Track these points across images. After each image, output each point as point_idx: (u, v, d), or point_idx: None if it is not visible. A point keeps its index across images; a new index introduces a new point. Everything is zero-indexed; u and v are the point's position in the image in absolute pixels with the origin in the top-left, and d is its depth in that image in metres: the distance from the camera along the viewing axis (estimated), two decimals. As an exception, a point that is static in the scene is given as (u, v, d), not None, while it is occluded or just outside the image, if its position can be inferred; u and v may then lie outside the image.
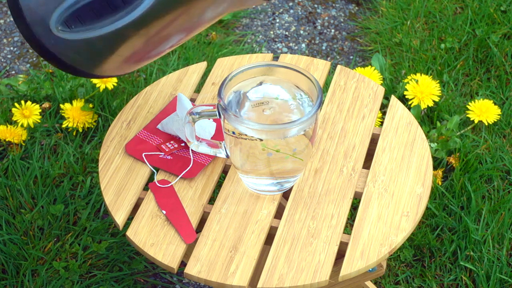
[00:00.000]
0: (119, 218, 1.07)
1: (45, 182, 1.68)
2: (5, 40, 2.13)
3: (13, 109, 1.77)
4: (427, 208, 1.65)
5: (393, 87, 1.92)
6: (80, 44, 0.98)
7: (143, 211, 1.08)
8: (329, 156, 1.13)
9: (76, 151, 1.75)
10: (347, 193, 1.08)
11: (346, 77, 1.24)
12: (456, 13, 2.15)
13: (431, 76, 1.91)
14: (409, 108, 1.80)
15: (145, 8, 0.96)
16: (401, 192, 1.08)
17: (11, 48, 2.10)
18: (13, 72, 2.04)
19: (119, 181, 1.12)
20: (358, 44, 2.13)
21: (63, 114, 1.79)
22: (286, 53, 2.10)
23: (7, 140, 1.74)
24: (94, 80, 1.78)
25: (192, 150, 1.13)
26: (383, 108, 1.79)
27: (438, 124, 1.79)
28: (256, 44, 2.13)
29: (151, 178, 1.13)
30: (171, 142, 1.16)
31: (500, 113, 1.80)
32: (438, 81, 1.86)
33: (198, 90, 1.29)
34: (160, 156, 1.14)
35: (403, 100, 1.85)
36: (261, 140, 0.98)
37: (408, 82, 1.83)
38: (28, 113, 1.76)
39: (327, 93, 1.22)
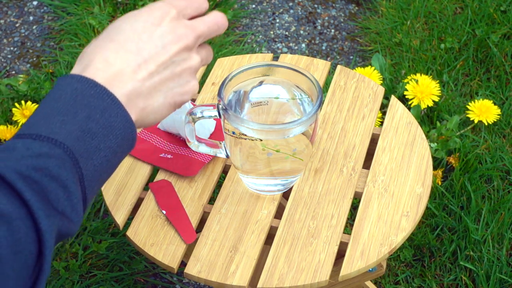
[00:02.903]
0: (119, 218, 1.07)
1: (45, 182, 1.68)
2: (5, 40, 2.12)
3: (14, 109, 1.77)
4: (427, 208, 1.65)
5: (393, 87, 1.92)
6: None
7: (143, 211, 1.07)
8: (329, 156, 1.13)
9: (76, 151, 1.75)
10: (347, 193, 1.08)
11: (346, 77, 1.24)
12: (456, 13, 2.15)
13: (431, 76, 1.91)
14: (409, 108, 1.80)
15: None
16: (401, 192, 1.08)
17: (11, 48, 2.10)
18: (13, 72, 2.04)
19: (119, 181, 1.11)
20: (358, 44, 2.13)
21: (63, 114, 1.79)
22: (286, 53, 2.10)
23: (7, 140, 1.74)
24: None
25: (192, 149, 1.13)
26: (383, 108, 1.79)
27: (438, 124, 1.79)
28: (256, 44, 2.12)
29: (151, 178, 1.13)
30: (171, 141, 1.16)
31: (500, 113, 1.80)
32: (438, 81, 1.86)
33: (198, 90, 1.29)
34: (160, 155, 1.13)
35: (403, 100, 1.85)
36: (261, 140, 0.98)
37: (408, 82, 1.83)
38: (28, 113, 1.76)
39: (327, 93, 1.22)
